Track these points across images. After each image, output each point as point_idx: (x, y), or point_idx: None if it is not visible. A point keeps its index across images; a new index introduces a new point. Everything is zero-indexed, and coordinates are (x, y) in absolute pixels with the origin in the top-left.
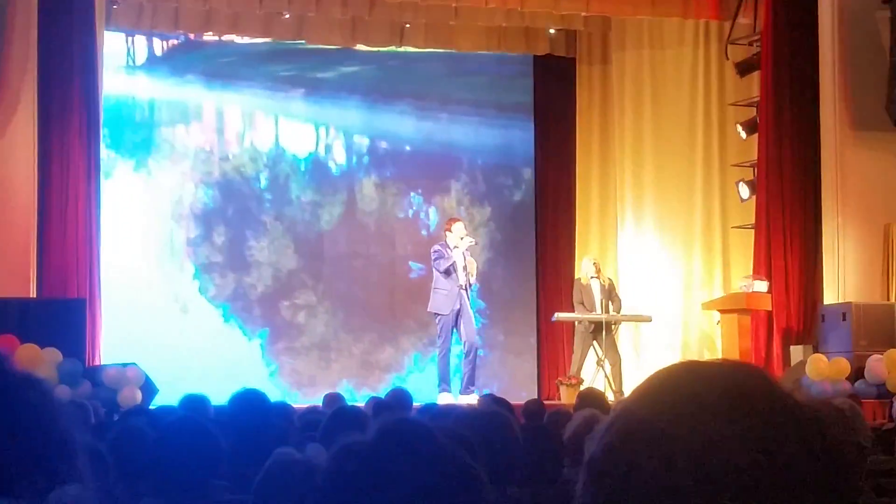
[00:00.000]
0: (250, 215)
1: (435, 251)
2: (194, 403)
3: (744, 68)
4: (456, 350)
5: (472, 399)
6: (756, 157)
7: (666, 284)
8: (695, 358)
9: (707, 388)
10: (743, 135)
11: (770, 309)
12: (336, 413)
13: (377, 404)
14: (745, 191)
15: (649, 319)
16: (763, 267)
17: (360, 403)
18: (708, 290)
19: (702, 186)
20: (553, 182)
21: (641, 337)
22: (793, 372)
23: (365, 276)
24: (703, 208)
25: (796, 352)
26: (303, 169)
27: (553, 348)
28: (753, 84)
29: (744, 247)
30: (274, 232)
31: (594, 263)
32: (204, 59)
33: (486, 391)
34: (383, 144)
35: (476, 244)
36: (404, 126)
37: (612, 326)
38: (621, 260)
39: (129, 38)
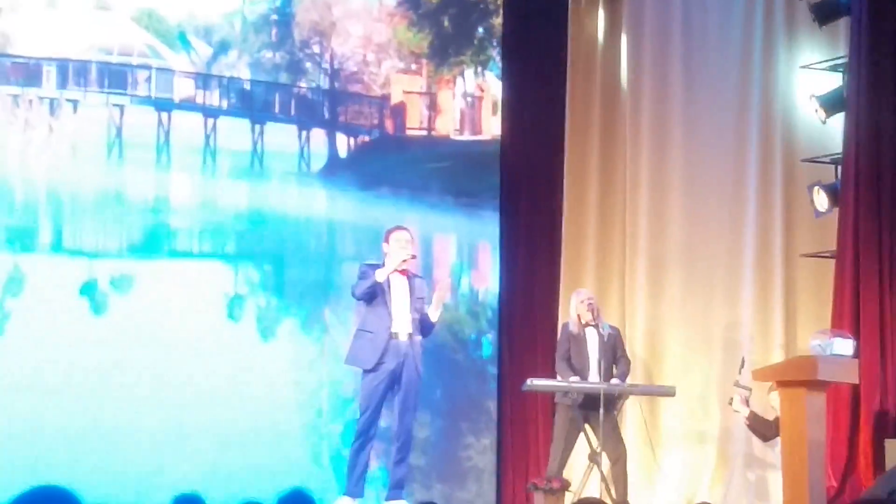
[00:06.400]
0: None
1: (360, 271)
2: None
3: (824, 13)
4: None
5: None
6: (841, 149)
7: (697, 340)
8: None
9: None
10: (821, 115)
11: (857, 382)
12: None
13: None
14: (822, 200)
15: (672, 393)
16: (847, 318)
17: None
18: (762, 351)
19: (756, 192)
20: (528, 174)
21: (659, 419)
22: (890, 479)
23: None
24: (757, 225)
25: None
26: None
27: (521, 434)
28: (838, 36)
29: (818, 286)
30: None
31: (590, 303)
32: None
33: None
34: None
35: (413, 259)
36: None
37: (617, 402)
38: (630, 301)
39: None
